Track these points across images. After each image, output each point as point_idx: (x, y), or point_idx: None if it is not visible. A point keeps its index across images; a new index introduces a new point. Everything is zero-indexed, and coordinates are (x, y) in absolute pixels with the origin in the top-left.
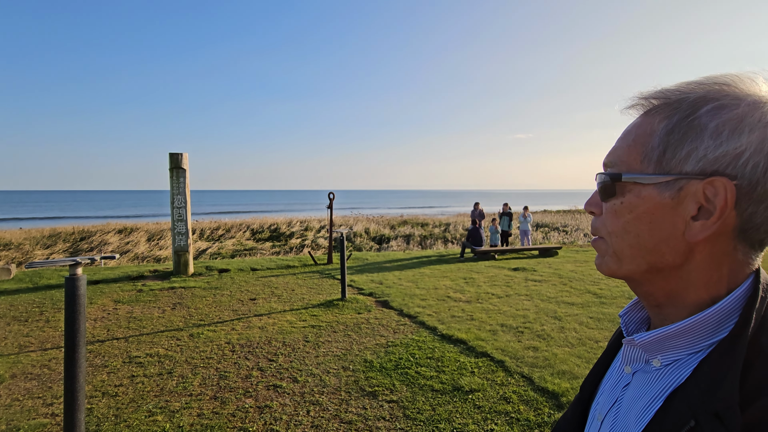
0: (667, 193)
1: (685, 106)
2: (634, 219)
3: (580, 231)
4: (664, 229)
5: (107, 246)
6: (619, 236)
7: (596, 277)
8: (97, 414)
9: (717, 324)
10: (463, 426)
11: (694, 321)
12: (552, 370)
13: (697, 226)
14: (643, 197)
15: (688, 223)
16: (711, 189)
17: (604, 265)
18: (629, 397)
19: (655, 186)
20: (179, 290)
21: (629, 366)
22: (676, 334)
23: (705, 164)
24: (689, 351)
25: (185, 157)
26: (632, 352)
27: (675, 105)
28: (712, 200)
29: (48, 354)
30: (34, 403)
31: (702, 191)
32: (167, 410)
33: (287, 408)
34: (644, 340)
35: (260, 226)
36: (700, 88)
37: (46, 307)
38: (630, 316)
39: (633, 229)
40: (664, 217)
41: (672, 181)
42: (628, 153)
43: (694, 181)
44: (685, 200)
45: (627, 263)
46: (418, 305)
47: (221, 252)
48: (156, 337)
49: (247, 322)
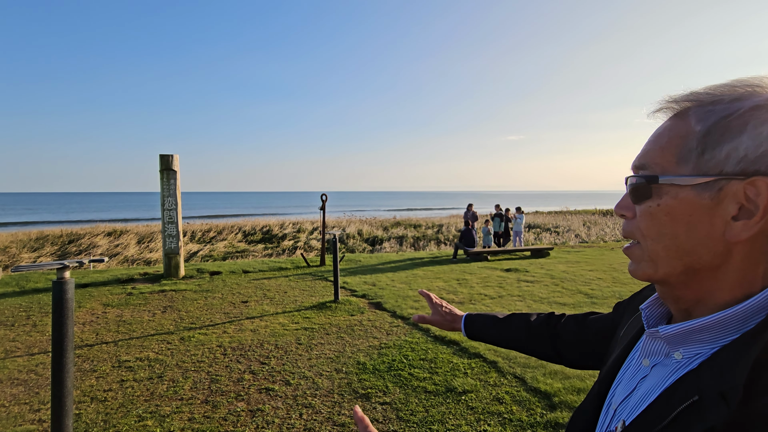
0: (707, 194)
1: (720, 107)
2: (671, 221)
3: (572, 232)
4: (702, 230)
5: (96, 249)
6: (655, 239)
7: (587, 277)
8: (86, 419)
9: (744, 320)
10: (456, 427)
11: (722, 316)
12: (544, 371)
13: (738, 226)
14: (680, 199)
15: (728, 223)
16: (752, 189)
17: (639, 271)
18: (645, 387)
19: (693, 187)
20: (170, 293)
21: (648, 359)
22: (702, 328)
23: (746, 164)
24: (712, 345)
25: (176, 159)
26: (652, 345)
27: (710, 107)
28: (754, 200)
29: (35, 359)
30: (21, 409)
31: (743, 191)
32: (157, 415)
33: (279, 411)
34: (669, 332)
35: (252, 228)
36: (732, 90)
37: (33, 311)
38: (651, 309)
39: (670, 231)
40: (703, 218)
41: (711, 182)
42: (662, 155)
43: (735, 182)
44: (724, 200)
45: (663, 266)
46: (411, 307)
47: (213, 254)
48: (146, 340)
49: (238, 325)
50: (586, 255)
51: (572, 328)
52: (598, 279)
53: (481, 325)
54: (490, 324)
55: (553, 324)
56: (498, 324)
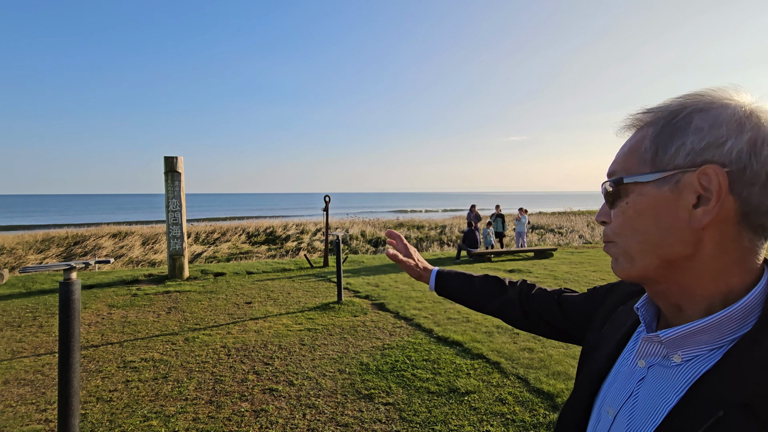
0: (666, 188)
1: (667, 113)
2: (640, 216)
3: (575, 233)
4: (669, 221)
5: (101, 250)
6: (628, 235)
7: (591, 278)
8: (92, 419)
9: (741, 320)
10: (459, 428)
11: (721, 317)
12: (547, 371)
13: (698, 212)
14: (645, 195)
15: (690, 212)
16: (705, 177)
17: (618, 268)
18: (647, 391)
19: (654, 183)
20: (174, 294)
21: (643, 360)
22: (702, 330)
23: (694, 156)
24: (711, 347)
25: (180, 161)
26: (649, 346)
27: (659, 114)
28: (708, 187)
29: (41, 359)
30: (28, 409)
31: (697, 181)
32: (162, 415)
33: (283, 411)
34: (669, 336)
35: (256, 230)
36: (680, 100)
37: (40, 312)
38: (645, 308)
39: (640, 227)
40: (668, 209)
41: (668, 176)
42: (625, 160)
43: (689, 173)
44: (683, 192)
45: (639, 260)
46: (414, 307)
47: (217, 255)
48: (151, 341)
49: (242, 326)
50: (589, 256)
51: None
52: (602, 280)
53: (453, 284)
54: (462, 285)
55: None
56: (470, 285)
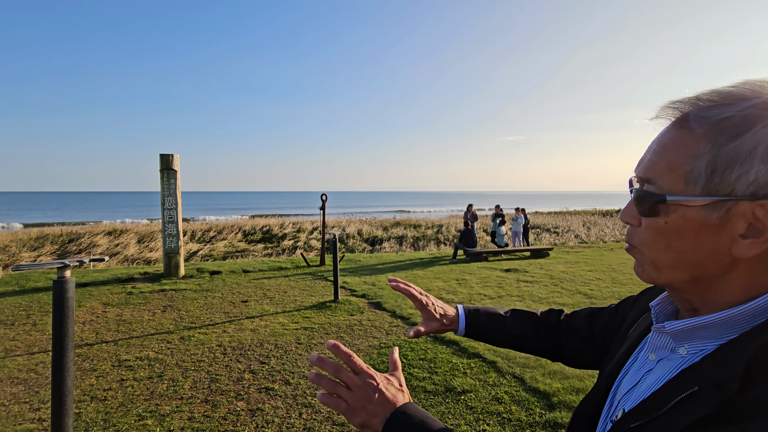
0: (715, 215)
1: (730, 126)
2: (679, 237)
3: (571, 232)
4: (710, 246)
5: (96, 248)
6: (660, 250)
7: (587, 278)
8: (86, 418)
9: (748, 320)
10: (455, 426)
11: (727, 315)
12: (543, 371)
13: (746, 243)
14: (688, 218)
15: (735, 240)
16: (761, 210)
17: (645, 274)
18: (650, 380)
19: (702, 207)
20: (170, 293)
21: (654, 354)
22: (707, 325)
23: (756, 187)
24: (716, 342)
25: (176, 159)
26: (659, 340)
27: (719, 125)
28: (763, 220)
29: (35, 358)
30: (21, 408)
31: (752, 211)
32: (157, 414)
33: (279, 411)
34: (675, 328)
35: (252, 228)
36: (740, 102)
37: (33, 310)
38: (661, 307)
39: (677, 246)
40: (711, 235)
41: (719, 203)
42: (668, 173)
43: (744, 202)
44: (732, 219)
45: (667, 273)
46: (410, 307)
47: (212, 254)
48: (146, 340)
49: (238, 325)
50: (585, 255)
51: (579, 325)
52: (597, 279)
53: (483, 326)
54: (493, 326)
55: (556, 321)
56: (501, 325)
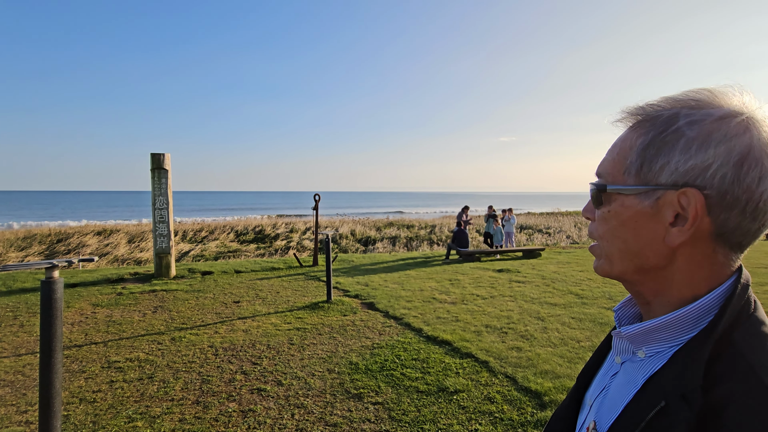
0: (647, 202)
1: (659, 122)
2: (620, 225)
3: (563, 233)
4: (647, 234)
5: (86, 248)
6: (609, 241)
7: (578, 278)
8: (74, 421)
9: (696, 319)
10: (447, 427)
11: (675, 316)
12: (535, 370)
13: (674, 231)
14: (626, 206)
15: (667, 228)
16: (684, 199)
17: (599, 268)
18: (616, 384)
19: (636, 196)
20: (161, 293)
21: (619, 357)
22: (659, 327)
23: (677, 176)
24: (671, 344)
25: (167, 158)
26: (622, 344)
27: (651, 121)
28: (686, 208)
29: (22, 360)
30: (7, 410)
31: (677, 200)
32: (148, 416)
33: (271, 412)
34: (630, 332)
35: (244, 228)
36: (675, 104)
37: (21, 311)
38: (624, 311)
39: (620, 235)
40: (646, 223)
41: (650, 191)
42: (612, 165)
43: (670, 192)
44: (663, 208)
45: (617, 265)
46: (403, 307)
47: (204, 254)
48: (136, 341)
49: (230, 325)
50: (576, 256)
51: None
52: (588, 279)
53: None
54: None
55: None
56: None
